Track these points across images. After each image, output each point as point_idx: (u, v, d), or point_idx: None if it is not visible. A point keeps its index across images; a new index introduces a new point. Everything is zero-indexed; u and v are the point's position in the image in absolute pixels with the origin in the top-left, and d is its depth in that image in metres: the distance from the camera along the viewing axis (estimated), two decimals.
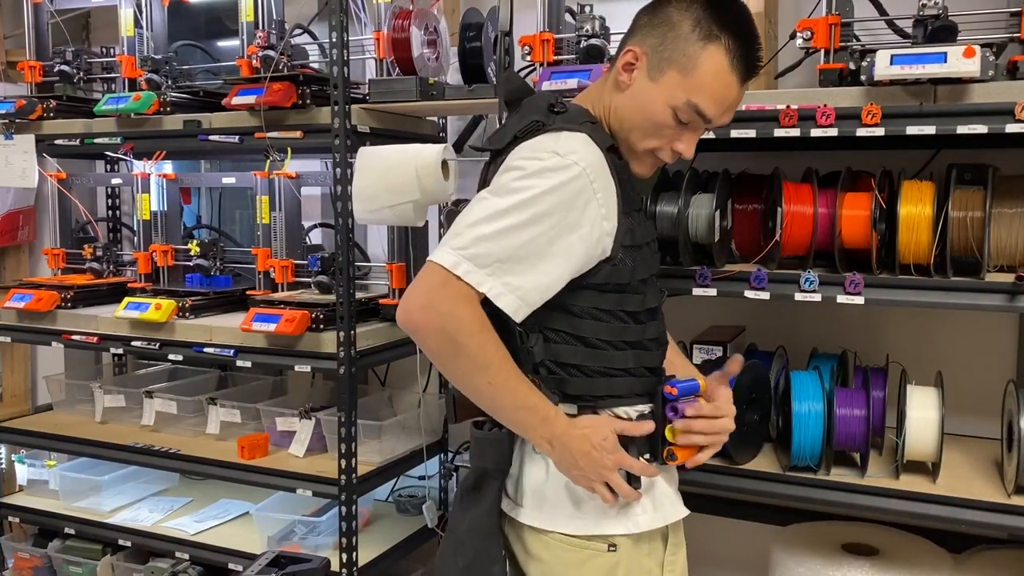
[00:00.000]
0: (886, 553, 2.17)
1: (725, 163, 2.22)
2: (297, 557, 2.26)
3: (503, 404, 1.39)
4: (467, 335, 1.32)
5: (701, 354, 2.31)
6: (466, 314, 1.32)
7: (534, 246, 1.33)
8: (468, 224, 1.33)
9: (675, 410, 1.47)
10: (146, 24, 2.84)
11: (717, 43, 1.38)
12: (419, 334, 1.34)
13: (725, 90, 1.41)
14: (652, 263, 1.50)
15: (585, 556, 1.46)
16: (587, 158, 1.36)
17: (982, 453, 2.15)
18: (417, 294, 1.33)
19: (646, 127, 1.44)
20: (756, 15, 2.20)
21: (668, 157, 1.48)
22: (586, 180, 1.35)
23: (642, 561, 1.48)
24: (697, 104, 1.40)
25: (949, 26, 1.82)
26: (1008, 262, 1.94)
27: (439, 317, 1.31)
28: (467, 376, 1.37)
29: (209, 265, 2.84)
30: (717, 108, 1.42)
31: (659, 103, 1.42)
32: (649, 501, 1.49)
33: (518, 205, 1.32)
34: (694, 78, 1.39)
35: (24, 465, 3.12)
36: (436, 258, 1.33)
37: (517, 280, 1.33)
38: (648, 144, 1.46)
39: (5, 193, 3.45)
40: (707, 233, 2.06)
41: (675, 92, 1.40)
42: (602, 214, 1.38)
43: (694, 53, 1.38)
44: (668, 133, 1.45)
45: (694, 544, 2.73)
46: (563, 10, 2.29)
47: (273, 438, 2.71)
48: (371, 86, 2.42)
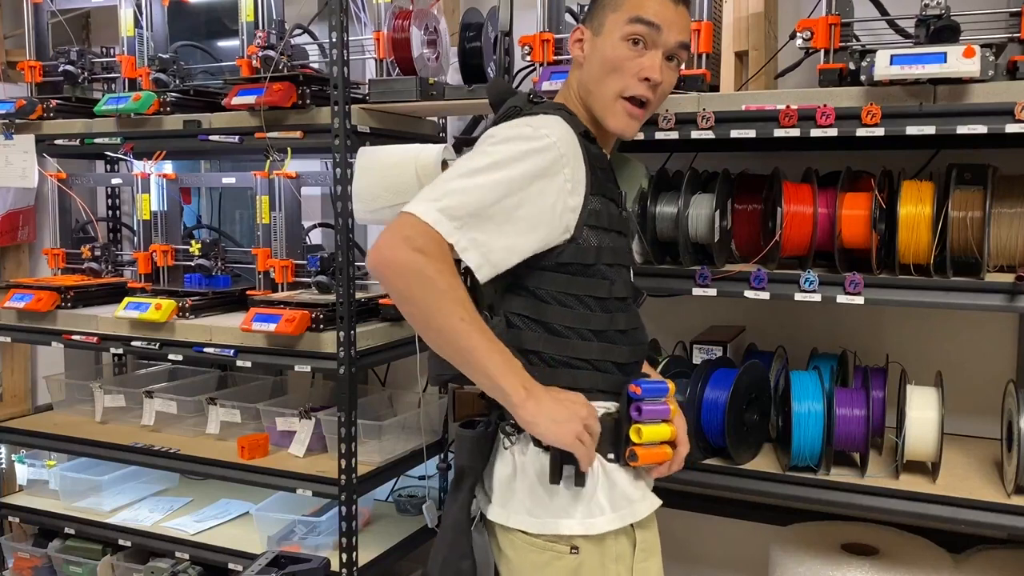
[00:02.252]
0: (886, 553, 2.17)
1: (725, 163, 2.22)
2: (297, 557, 2.26)
3: (476, 344, 1.34)
4: (436, 271, 1.32)
5: (701, 354, 2.32)
6: (436, 253, 1.32)
7: (501, 207, 1.35)
8: (443, 180, 1.37)
9: (639, 410, 1.47)
10: (146, 24, 2.84)
11: None
12: (387, 271, 1.33)
13: (658, 5, 1.49)
14: (622, 254, 1.52)
15: (548, 558, 1.47)
16: (558, 133, 1.42)
17: (982, 453, 2.15)
18: (388, 238, 1.33)
19: (607, 72, 1.51)
20: (756, 15, 2.21)
21: (639, 89, 1.50)
22: (556, 152, 1.40)
23: (608, 566, 1.48)
24: (639, 15, 1.48)
25: (952, 26, 1.81)
26: (1008, 262, 1.94)
27: (409, 255, 1.31)
28: (438, 312, 1.33)
29: (211, 265, 2.85)
30: (660, 18, 1.48)
31: (609, 44, 1.50)
32: (607, 502, 1.48)
33: (489, 166, 1.37)
34: (626, 4, 1.49)
35: (24, 465, 3.12)
36: (409, 208, 1.35)
37: (483, 237, 1.35)
38: (614, 86, 1.51)
39: (5, 193, 3.45)
40: (707, 233, 2.06)
41: (616, 25, 1.49)
42: (568, 188, 1.41)
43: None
44: (629, 66, 1.50)
45: (694, 544, 2.76)
46: (563, 10, 2.30)
47: (273, 438, 2.71)
48: (371, 86, 2.42)
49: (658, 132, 1.99)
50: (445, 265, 1.33)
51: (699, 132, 1.95)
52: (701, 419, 2.06)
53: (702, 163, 2.28)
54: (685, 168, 2.18)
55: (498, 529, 1.52)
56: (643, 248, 2.15)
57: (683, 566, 2.78)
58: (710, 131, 1.95)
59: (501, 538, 1.52)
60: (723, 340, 2.34)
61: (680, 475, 2.10)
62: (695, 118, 1.96)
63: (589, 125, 1.55)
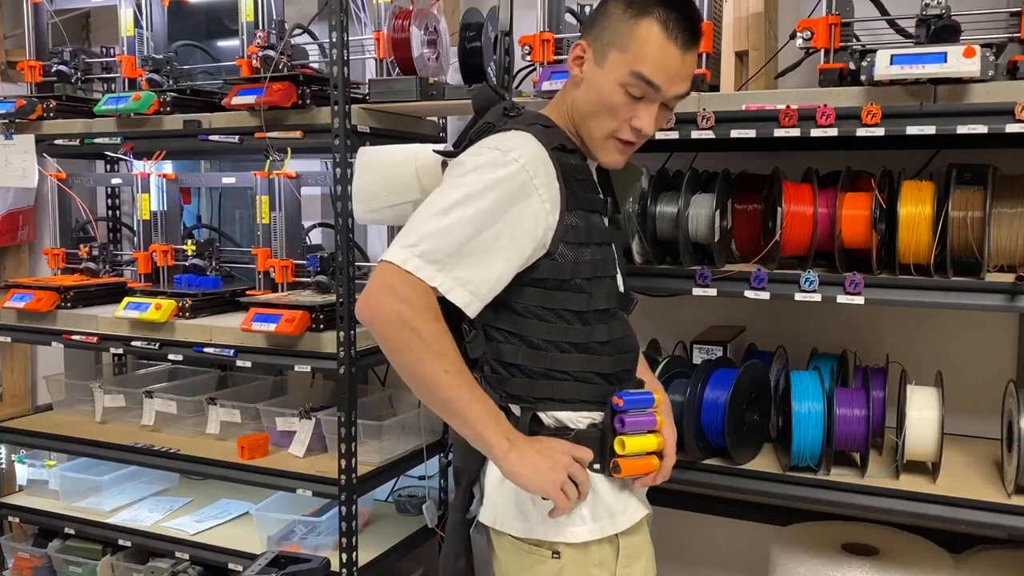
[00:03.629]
0: (886, 553, 2.17)
1: (725, 163, 2.22)
2: (297, 557, 2.27)
3: (460, 395, 1.36)
4: (422, 321, 1.33)
5: (701, 354, 2.32)
6: (421, 303, 1.33)
7: (480, 241, 1.35)
8: (418, 221, 1.36)
9: (623, 422, 1.47)
10: (146, 24, 2.84)
11: (649, 16, 1.44)
12: (375, 323, 1.34)
13: (665, 58, 1.45)
14: (603, 265, 1.51)
15: (531, 561, 1.50)
16: (526, 154, 1.40)
17: (982, 453, 2.15)
18: (373, 288, 1.34)
19: (601, 111, 1.49)
20: (756, 15, 2.21)
21: (628, 134, 1.50)
22: (526, 176, 1.39)
23: (591, 571, 1.49)
24: (641, 73, 1.44)
25: (952, 26, 1.81)
26: (1008, 262, 1.94)
27: (395, 305, 1.32)
28: (422, 364, 1.34)
29: (205, 265, 2.84)
30: (662, 75, 1.45)
31: (608, 84, 1.47)
32: (588, 512, 1.49)
33: (462, 200, 1.36)
34: (632, 51, 1.44)
35: (24, 465, 3.12)
36: (388, 256, 1.35)
37: (467, 274, 1.35)
38: (606, 127, 1.50)
39: (5, 193, 3.45)
40: (707, 233, 2.06)
41: (619, 70, 1.45)
42: (546, 208, 1.41)
43: (629, 30, 1.45)
44: (623, 112, 1.48)
45: (694, 544, 2.76)
46: (563, 10, 2.29)
47: (273, 438, 2.71)
48: (371, 86, 2.42)
49: (658, 132, 1.99)
50: (429, 313, 1.34)
51: (699, 132, 1.95)
52: (701, 419, 2.06)
53: (702, 163, 2.28)
54: (685, 168, 2.18)
55: (490, 530, 1.55)
56: (643, 248, 2.15)
57: (683, 566, 2.78)
58: (710, 131, 1.95)
59: (493, 539, 1.55)
60: (723, 340, 2.34)
61: (680, 475, 2.11)
62: (695, 118, 1.95)
63: (576, 139, 1.54)
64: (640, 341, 2.44)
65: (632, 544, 1.55)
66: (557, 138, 1.49)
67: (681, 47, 1.45)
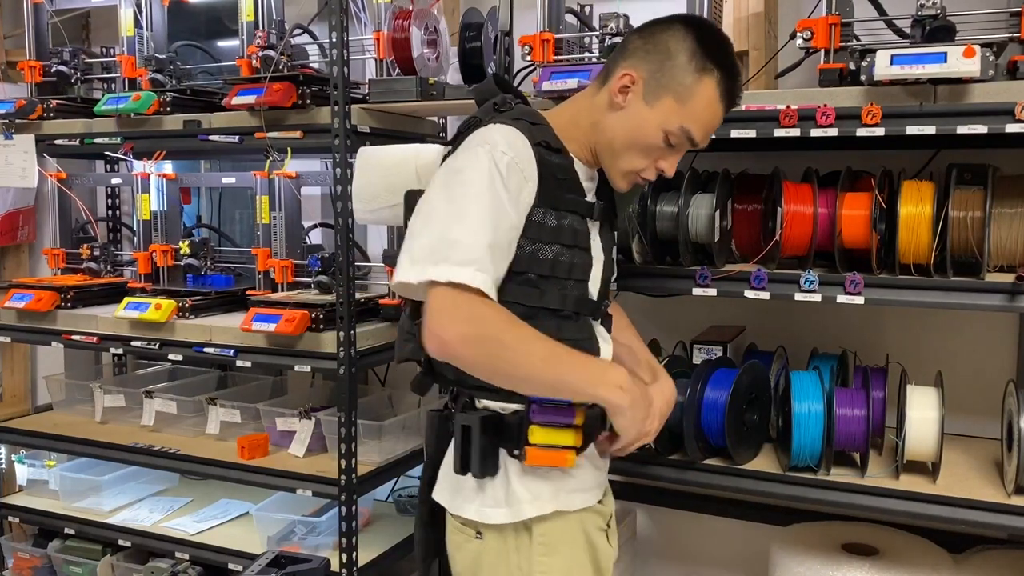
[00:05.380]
0: (886, 553, 2.17)
1: (725, 163, 2.22)
2: (297, 557, 2.27)
3: (564, 371, 1.39)
4: (502, 329, 1.36)
5: (701, 354, 2.32)
6: (489, 312, 1.36)
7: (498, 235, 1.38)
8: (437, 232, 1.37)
9: (534, 412, 1.49)
10: (146, 24, 2.84)
11: (710, 75, 1.47)
12: (460, 354, 1.36)
13: (713, 119, 1.51)
14: (566, 267, 1.50)
15: (462, 539, 1.56)
16: (513, 147, 1.42)
17: (982, 453, 2.15)
18: (435, 320, 1.35)
19: (637, 147, 1.51)
20: (756, 15, 2.21)
21: (651, 175, 1.55)
22: (517, 169, 1.42)
23: (510, 556, 1.52)
24: (690, 130, 1.49)
25: (947, 26, 1.82)
26: (1008, 262, 1.94)
27: (461, 331, 1.34)
28: (522, 366, 1.37)
29: (200, 264, 2.84)
30: (704, 134, 1.52)
31: (652, 126, 1.49)
32: (503, 496, 1.52)
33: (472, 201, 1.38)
34: (689, 106, 1.47)
35: (24, 465, 3.12)
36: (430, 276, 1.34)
37: (497, 266, 1.39)
38: (635, 163, 1.53)
39: (5, 193, 3.46)
40: (707, 233, 2.06)
41: (670, 117, 1.48)
42: (529, 201, 1.44)
43: (691, 83, 1.47)
44: (655, 153, 1.52)
45: (694, 544, 2.76)
46: (563, 10, 2.29)
47: (273, 438, 2.71)
48: (371, 86, 2.42)
49: None
50: (501, 316, 1.37)
51: None
52: (701, 419, 2.06)
53: (702, 163, 2.28)
54: (685, 168, 2.18)
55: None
56: (643, 248, 2.15)
57: (683, 566, 2.78)
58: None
59: (447, 516, 1.62)
60: (723, 340, 2.34)
61: (680, 475, 2.11)
62: None
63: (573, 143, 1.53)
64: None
65: (550, 534, 1.54)
66: (542, 135, 1.49)
67: (725, 109, 1.51)
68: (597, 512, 1.61)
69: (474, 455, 1.50)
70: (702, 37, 1.48)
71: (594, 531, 1.60)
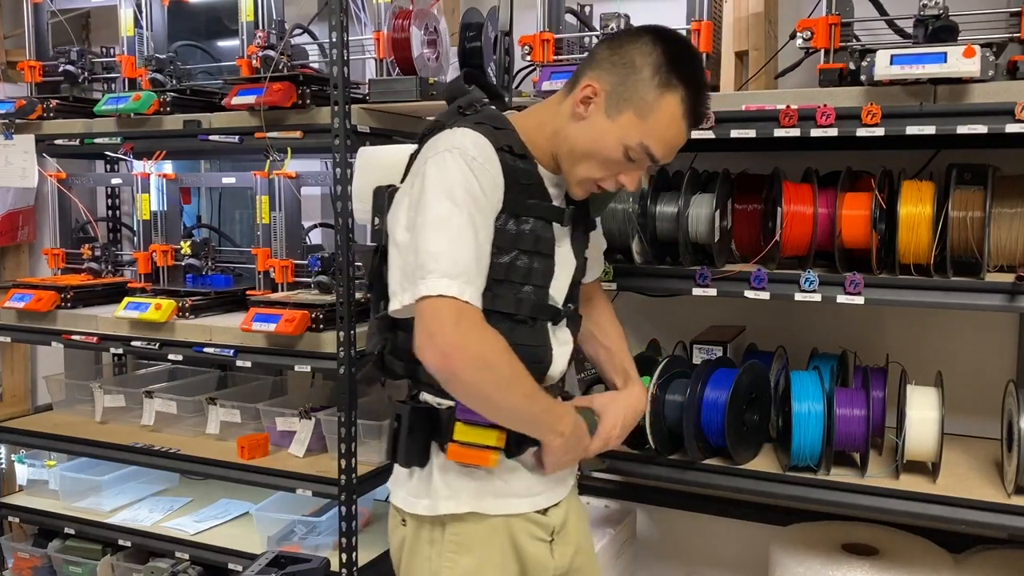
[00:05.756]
0: (886, 553, 2.17)
1: (725, 163, 2.22)
2: (297, 557, 2.26)
3: (533, 412, 1.47)
4: (498, 356, 1.39)
5: (701, 354, 2.32)
6: (486, 335, 1.39)
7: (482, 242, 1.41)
8: (422, 246, 1.37)
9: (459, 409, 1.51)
10: (146, 24, 2.84)
11: (674, 92, 1.44)
12: (461, 376, 1.38)
13: (675, 137, 1.48)
14: (522, 272, 1.50)
15: (395, 523, 1.63)
16: (479, 154, 1.43)
17: (982, 453, 2.15)
18: (443, 338, 1.35)
19: (595, 159, 1.49)
20: (756, 15, 2.21)
21: (611, 187, 1.53)
22: (488, 173, 1.42)
23: (423, 547, 1.56)
24: (649, 147, 1.46)
25: (950, 26, 1.82)
26: (1008, 262, 1.94)
27: (475, 352, 1.37)
28: (510, 398, 1.43)
29: (201, 264, 2.84)
30: (666, 151, 1.49)
31: (612, 139, 1.47)
32: (424, 488, 1.56)
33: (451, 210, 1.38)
34: (649, 122, 1.45)
35: (24, 465, 3.12)
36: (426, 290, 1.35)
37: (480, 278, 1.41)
38: (594, 174, 1.51)
39: (5, 193, 3.45)
40: (707, 233, 2.06)
41: (629, 132, 1.46)
42: (499, 207, 1.45)
43: (653, 99, 1.44)
44: (615, 167, 1.50)
45: (694, 544, 2.76)
46: (563, 10, 2.29)
47: (273, 438, 2.71)
48: (371, 86, 2.42)
49: None
50: (498, 341, 1.39)
51: (699, 132, 1.95)
52: (701, 419, 2.06)
53: (702, 163, 2.28)
54: (685, 168, 2.18)
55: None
56: (643, 248, 2.15)
57: (683, 566, 2.78)
58: (710, 131, 1.95)
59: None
60: (723, 340, 2.34)
61: (680, 475, 2.11)
62: None
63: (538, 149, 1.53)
64: (640, 341, 2.47)
65: (464, 534, 1.54)
66: (506, 140, 1.48)
67: (688, 127, 1.49)
68: (533, 521, 1.60)
69: (400, 445, 1.55)
70: (669, 52, 1.45)
71: (526, 539, 1.59)
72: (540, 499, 1.61)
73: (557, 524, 1.63)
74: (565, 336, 1.62)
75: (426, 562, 1.55)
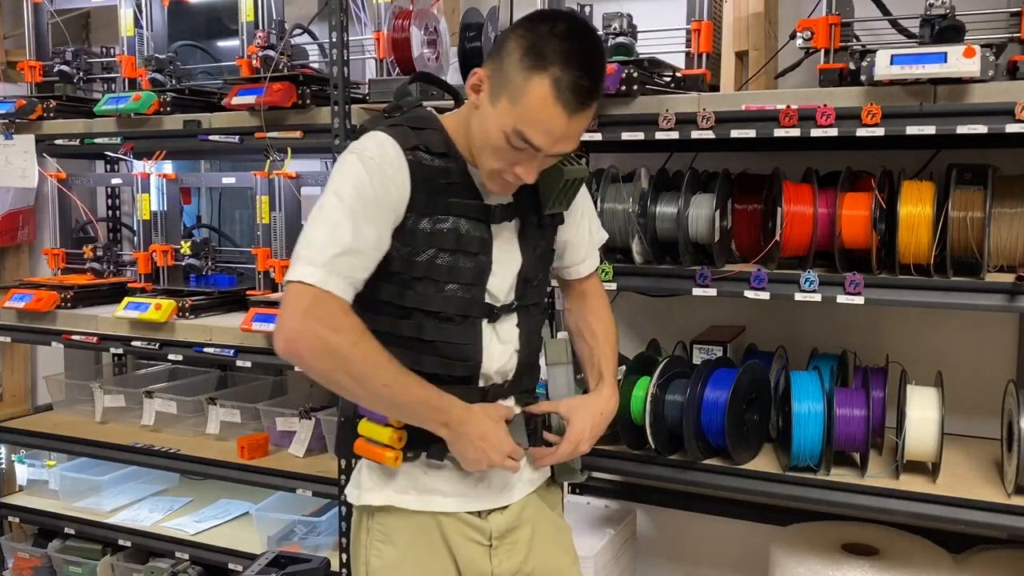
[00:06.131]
0: (886, 553, 2.17)
1: (725, 163, 2.22)
2: (297, 557, 2.26)
3: (401, 402, 1.45)
4: (349, 344, 1.38)
5: (701, 354, 2.32)
6: (339, 322, 1.38)
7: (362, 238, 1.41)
8: (307, 234, 1.42)
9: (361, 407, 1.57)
10: (146, 24, 2.84)
11: (543, 74, 1.36)
12: (303, 361, 1.39)
13: (550, 121, 1.38)
14: (445, 270, 1.50)
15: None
16: (378, 155, 1.44)
17: (982, 453, 2.15)
18: (289, 319, 1.37)
19: (488, 148, 1.45)
20: (756, 15, 2.21)
21: (511, 178, 1.47)
22: (388, 174, 1.43)
23: (360, 534, 1.63)
24: (523, 132, 1.39)
25: (956, 26, 1.81)
26: (1008, 262, 1.94)
27: (319, 335, 1.36)
28: (361, 385, 1.41)
29: (201, 264, 2.84)
30: (545, 138, 1.40)
31: (495, 127, 1.42)
32: (357, 479, 1.62)
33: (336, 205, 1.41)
34: (520, 107, 1.38)
35: (24, 465, 3.12)
36: (290, 276, 1.38)
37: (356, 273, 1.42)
38: (492, 164, 1.47)
39: (5, 193, 3.45)
40: (707, 233, 2.06)
41: (506, 119, 1.40)
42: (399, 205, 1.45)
43: (521, 82, 1.38)
44: (507, 156, 1.44)
45: (694, 544, 2.76)
46: None
47: (273, 438, 2.71)
48: (371, 86, 2.42)
49: (658, 132, 1.99)
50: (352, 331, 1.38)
51: (699, 132, 1.95)
52: (701, 419, 2.06)
53: (702, 163, 2.28)
54: (685, 168, 2.19)
55: None
56: (643, 248, 2.15)
57: (683, 566, 2.78)
58: (710, 131, 1.95)
59: None
60: (723, 340, 2.34)
61: (680, 475, 2.11)
62: (695, 118, 1.95)
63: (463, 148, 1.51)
64: (640, 341, 2.48)
65: (387, 525, 1.59)
66: (423, 140, 1.48)
67: (570, 111, 1.37)
68: (466, 522, 1.59)
69: (336, 437, 1.64)
70: (541, 31, 1.38)
71: (460, 540, 1.59)
72: (473, 501, 1.60)
73: (498, 529, 1.61)
74: (510, 334, 1.59)
75: (362, 548, 1.61)
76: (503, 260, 1.56)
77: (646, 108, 2.01)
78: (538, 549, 1.66)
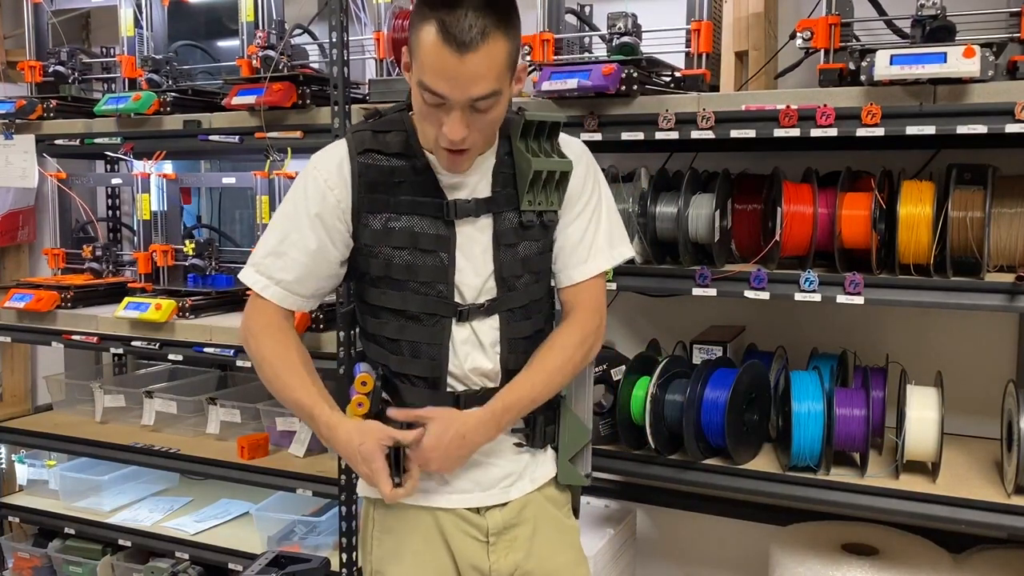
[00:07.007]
0: (886, 553, 2.17)
1: (725, 163, 2.22)
2: (297, 557, 2.26)
3: (283, 397, 1.58)
4: (252, 336, 1.58)
5: (701, 354, 2.32)
6: (257, 321, 1.58)
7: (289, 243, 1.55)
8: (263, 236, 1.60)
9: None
10: (146, 24, 2.84)
11: (428, 22, 1.38)
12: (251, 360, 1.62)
13: (442, 63, 1.37)
14: (402, 268, 1.52)
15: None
16: (320, 163, 1.55)
17: (982, 453, 2.15)
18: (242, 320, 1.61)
19: (419, 115, 1.48)
20: (756, 15, 2.21)
21: (444, 142, 1.44)
22: (322, 181, 1.53)
23: (368, 522, 1.68)
24: (423, 81, 1.40)
25: (947, 26, 1.82)
26: (1008, 262, 1.94)
27: (242, 331, 1.61)
28: (259, 373, 1.59)
29: (204, 265, 2.84)
30: (444, 83, 1.38)
31: (415, 91, 1.45)
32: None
33: (280, 211, 1.59)
34: (419, 59, 1.41)
35: (24, 465, 3.12)
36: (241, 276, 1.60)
37: (279, 274, 1.56)
38: (428, 132, 1.48)
39: (5, 193, 3.45)
40: (707, 233, 2.06)
41: (415, 75, 1.44)
42: (342, 208, 1.53)
43: (415, 37, 1.41)
44: (430, 117, 1.44)
45: (694, 544, 2.76)
46: (563, 10, 2.29)
47: (273, 438, 2.71)
48: (371, 86, 2.42)
49: (658, 132, 1.99)
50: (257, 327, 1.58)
51: (699, 132, 1.95)
52: (701, 419, 2.06)
53: (702, 163, 2.28)
54: (685, 168, 2.19)
55: None
56: (643, 248, 2.15)
57: (683, 566, 2.78)
58: (710, 131, 1.95)
59: None
60: (723, 340, 2.34)
61: (680, 475, 2.11)
62: (695, 118, 1.95)
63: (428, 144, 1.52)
64: (640, 341, 2.47)
65: (386, 519, 1.64)
66: (381, 142, 1.53)
67: (458, 50, 1.35)
68: (463, 518, 1.60)
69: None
70: None
71: (458, 535, 1.60)
72: (469, 497, 1.60)
73: (495, 526, 1.61)
74: (489, 337, 1.56)
75: (367, 538, 1.68)
76: (473, 258, 1.54)
77: (646, 108, 2.01)
78: (539, 548, 1.65)
